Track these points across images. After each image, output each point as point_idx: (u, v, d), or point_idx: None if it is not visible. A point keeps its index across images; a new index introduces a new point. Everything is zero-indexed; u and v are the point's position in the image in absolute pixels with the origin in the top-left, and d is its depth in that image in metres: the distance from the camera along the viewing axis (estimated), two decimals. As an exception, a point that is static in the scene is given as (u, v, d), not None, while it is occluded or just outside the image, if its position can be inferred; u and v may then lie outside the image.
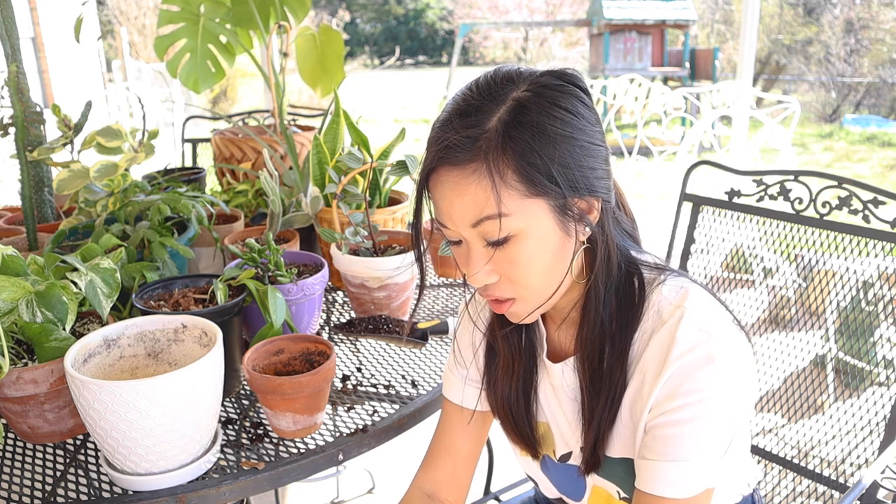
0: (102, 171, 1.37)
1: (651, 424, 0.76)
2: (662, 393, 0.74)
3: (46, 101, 7.00)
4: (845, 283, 1.33)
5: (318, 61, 2.03)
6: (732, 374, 0.73)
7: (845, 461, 1.24)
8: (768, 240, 1.39)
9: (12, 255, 1.00)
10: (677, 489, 0.73)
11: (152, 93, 8.40)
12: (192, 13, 1.96)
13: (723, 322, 0.76)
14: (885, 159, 7.65)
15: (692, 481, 0.73)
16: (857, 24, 11.22)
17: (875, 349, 1.36)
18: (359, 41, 22.56)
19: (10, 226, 1.57)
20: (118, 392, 0.82)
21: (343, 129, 1.57)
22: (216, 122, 2.62)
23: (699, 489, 0.74)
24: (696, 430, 0.73)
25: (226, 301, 1.10)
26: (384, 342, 1.31)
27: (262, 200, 1.70)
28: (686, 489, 0.73)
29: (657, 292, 0.79)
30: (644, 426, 0.77)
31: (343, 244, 1.33)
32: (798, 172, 1.33)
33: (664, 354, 0.75)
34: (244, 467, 0.95)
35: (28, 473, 0.96)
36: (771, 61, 12.04)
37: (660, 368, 0.75)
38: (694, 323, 0.75)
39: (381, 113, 11.61)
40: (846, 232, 1.25)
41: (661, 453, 0.74)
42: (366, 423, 1.05)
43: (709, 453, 0.73)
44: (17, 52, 1.47)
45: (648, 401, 0.76)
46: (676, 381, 0.73)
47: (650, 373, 0.76)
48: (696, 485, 0.73)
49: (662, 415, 0.74)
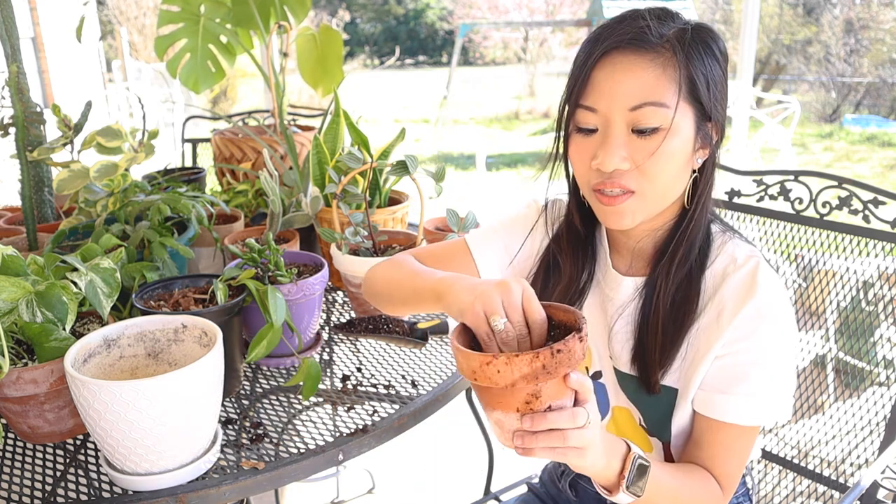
0: (102, 171, 1.37)
1: (724, 357, 0.84)
2: (741, 331, 0.82)
3: (46, 101, 7.00)
4: (845, 283, 1.33)
5: (318, 61, 2.03)
6: (794, 327, 0.85)
7: (845, 461, 1.24)
8: (768, 240, 1.38)
9: (12, 255, 1.00)
10: (740, 417, 0.84)
11: (152, 93, 8.40)
12: (193, 13, 1.96)
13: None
14: (885, 159, 7.65)
15: (756, 413, 0.83)
16: (856, 24, 11.22)
17: (875, 349, 1.36)
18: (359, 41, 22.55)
19: (10, 226, 1.56)
20: (118, 392, 0.82)
21: (343, 129, 1.57)
22: (216, 122, 2.62)
23: (757, 422, 0.84)
24: (769, 369, 0.83)
25: (226, 301, 1.10)
26: (384, 342, 1.31)
27: (262, 200, 1.70)
28: (748, 419, 0.84)
29: (727, 236, 0.89)
30: (712, 358, 0.85)
31: (343, 244, 1.33)
32: (798, 172, 1.33)
33: (744, 295, 0.83)
34: (244, 467, 0.95)
35: (28, 473, 0.96)
36: (771, 61, 12.04)
37: (740, 306, 0.82)
38: (769, 272, 0.84)
39: (381, 113, 11.61)
40: (846, 232, 1.25)
41: (731, 385, 0.84)
42: (366, 423, 1.05)
43: (774, 392, 0.84)
44: (17, 52, 1.47)
45: (723, 334, 0.83)
46: (756, 322, 0.82)
47: (728, 309, 0.83)
48: (757, 417, 0.84)
49: (739, 352, 0.83)
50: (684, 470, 0.87)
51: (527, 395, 0.68)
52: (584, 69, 0.82)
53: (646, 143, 0.80)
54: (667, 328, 0.86)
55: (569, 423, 0.69)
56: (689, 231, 0.86)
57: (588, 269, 0.95)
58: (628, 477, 0.77)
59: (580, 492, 1.10)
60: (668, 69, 0.79)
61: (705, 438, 0.87)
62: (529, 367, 0.66)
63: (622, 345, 0.92)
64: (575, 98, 0.83)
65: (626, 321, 0.92)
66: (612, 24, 0.83)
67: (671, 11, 0.83)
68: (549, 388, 0.68)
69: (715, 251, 0.88)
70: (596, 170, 0.83)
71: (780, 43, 12.05)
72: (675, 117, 0.79)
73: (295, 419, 1.08)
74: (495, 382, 0.67)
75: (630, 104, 0.79)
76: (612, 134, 0.81)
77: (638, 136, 0.80)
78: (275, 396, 1.14)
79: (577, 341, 0.68)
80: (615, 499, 0.79)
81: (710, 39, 0.82)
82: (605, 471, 0.77)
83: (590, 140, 0.84)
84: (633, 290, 0.91)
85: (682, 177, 0.84)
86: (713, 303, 0.85)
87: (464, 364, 0.70)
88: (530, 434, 0.69)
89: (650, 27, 0.80)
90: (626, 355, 0.91)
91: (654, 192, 0.83)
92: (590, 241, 0.96)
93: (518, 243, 1.01)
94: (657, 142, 0.80)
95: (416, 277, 0.90)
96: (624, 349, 0.92)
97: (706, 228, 0.89)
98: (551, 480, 1.18)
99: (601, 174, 0.83)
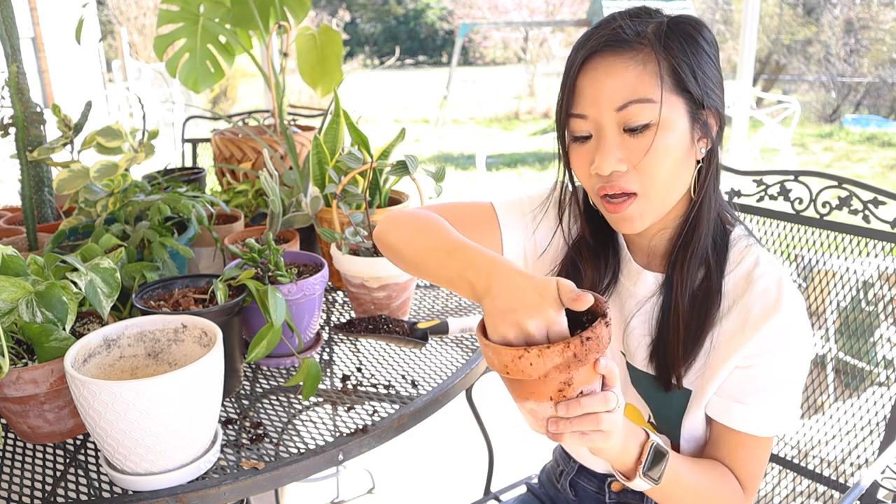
0: (102, 171, 1.37)
1: (745, 369, 0.85)
2: (764, 345, 0.83)
3: (46, 101, 6.99)
4: (845, 283, 1.33)
5: (318, 61, 2.03)
6: (812, 343, 0.86)
7: (845, 461, 1.24)
8: (768, 240, 1.38)
9: (12, 255, 1.00)
10: (756, 427, 0.85)
11: (152, 93, 8.40)
12: (192, 13, 1.96)
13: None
14: (885, 159, 7.64)
15: (771, 424, 0.85)
16: (856, 24, 11.22)
17: (875, 349, 1.36)
18: (359, 41, 22.55)
19: (10, 226, 1.56)
20: (118, 392, 0.82)
21: (343, 129, 1.57)
22: (216, 123, 2.62)
23: (772, 433, 0.86)
24: (788, 384, 0.84)
25: (226, 301, 1.10)
26: (384, 342, 1.31)
27: (262, 200, 1.70)
28: (764, 429, 0.85)
29: (751, 240, 0.89)
30: (731, 366, 0.85)
31: (343, 244, 1.33)
32: (798, 172, 1.33)
33: (770, 308, 0.83)
34: (244, 467, 0.95)
35: (28, 473, 0.96)
36: (771, 61, 12.04)
37: (764, 319, 0.83)
38: (793, 288, 0.85)
39: (381, 113, 11.61)
40: (846, 232, 1.25)
41: (749, 395, 0.85)
42: (366, 423, 1.05)
43: (789, 404, 0.85)
44: (17, 52, 1.47)
45: (745, 344, 0.83)
46: (781, 338, 0.83)
47: (753, 320, 0.84)
48: (771, 428, 0.85)
49: (760, 365, 0.84)
50: (704, 465, 0.88)
51: (559, 384, 0.70)
52: (569, 79, 0.83)
53: (639, 142, 0.80)
54: (689, 325, 0.86)
55: (602, 407, 0.70)
56: (697, 222, 0.86)
57: (610, 273, 0.95)
58: (645, 463, 0.79)
59: (579, 492, 1.10)
60: (649, 64, 0.79)
61: (723, 441, 0.89)
62: (561, 356, 0.67)
63: (639, 341, 0.93)
64: (566, 108, 0.84)
65: (643, 318, 0.92)
66: (591, 31, 0.84)
67: (648, 9, 0.84)
68: (580, 375, 0.70)
69: (739, 253, 0.88)
70: (596, 175, 0.84)
71: (780, 43, 12.05)
72: (663, 111, 0.79)
73: (295, 419, 1.08)
74: (528, 375, 0.68)
75: (616, 105, 0.80)
76: (604, 137, 0.82)
77: (631, 136, 0.81)
78: (275, 396, 1.14)
79: (604, 326, 0.70)
80: (632, 485, 0.81)
81: (693, 30, 0.82)
82: (623, 456, 0.78)
83: (586, 147, 0.84)
84: (655, 285, 0.91)
85: (684, 170, 0.84)
86: (738, 307, 0.86)
87: (494, 359, 0.70)
88: (565, 420, 0.70)
89: (624, 27, 0.81)
90: (644, 352, 0.92)
91: (656, 191, 0.82)
92: (610, 244, 0.96)
93: (536, 226, 1.00)
94: (650, 138, 0.80)
95: (450, 256, 0.80)
96: (640, 346, 0.92)
97: (720, 222, 0.89)
98: (550, 481, 1.18)
99: (601, 178, 0.83)
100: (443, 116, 10.16)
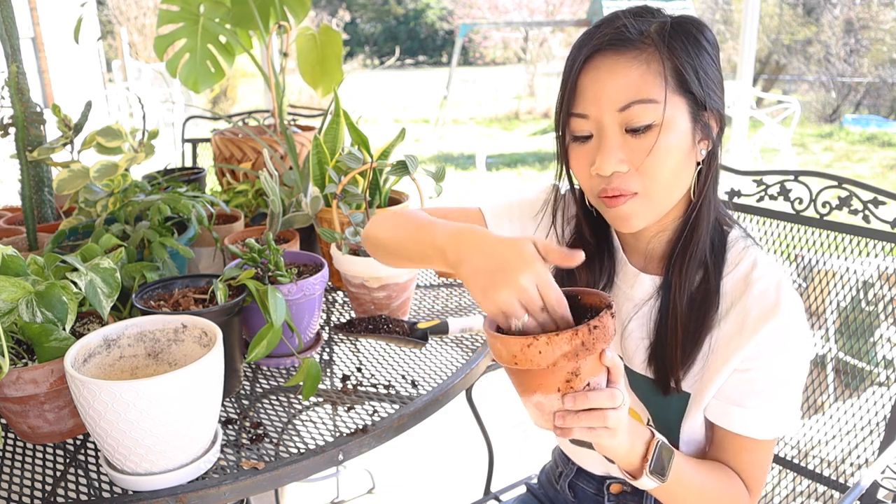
0: (102, 171, 1.37)
1: (744, 372, 0.84)
2: (763, 348, 0.82)
3: (46, 101, 7.00)
4: (845, 283, 1.33)
5: (318, 61, 2.03)
6: (811, 346, 0.86)
7: (845, 461, 1.24)
8: (768, 240, 1.38)
9: (12, 255, 1.00)
10: (756, 431, 0.85)
11: (152, 93, 8.40)
12: (192, 13, 1.96)
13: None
14: (885, 159, 7.65)
15: (771, 427, 0.85)
16: (856, 24, 11.22)
17: (875, 349, 1.36)
18: (359, 41, 22.55)
19: (10, 226, 1.56)
20: (118, 392, 0.82)
21: (343, 129, 1.57)
22: (216, 123, 2.62)
23: (772, 436, 0.86)
24: (787, 387, 0.84)
25: (226, 301, 1.10)
26: (384, 342, 1.31)
27: (262, 200, 1.70)
28: (764, 432, 0.85)
29: (749, 242, 0.88)
30: (730, 369, 0.85)
31: (343, 244, 1.33)
32: (798, 172, 1.33)
33: (769, 311, 0.82)
34: (244, 467, 0.95)
35: (28, 473, 0.96)
36: (771, 61, 12.04)
37: (762, 322, 0.82)
38: (792, 291, 0.84)
39: (381, 113, 11.61)
40: (846, 232, 1.25)
41: (748, 399, 0.84)
42: (366, 423, 1.05)
43: (789, 407, 0.85)
44: (17, 52, 1.47)
45: (744, 347, 0.83)
46: (779, 342, 0.82)
47: (751, 322, 0.83)
48: (771, 431, 0.85)
49: (759, 368, 0.84)
50: (710, 465, 0.88)
51: (567, 374, 0.70)
52: (570, 77, 0.82)
53: (641, 142, 0.80)
54: (687, 327, 0.86)
55: (608, 403, 0.70)
56: (697, 223, 0.85)
57: (606, 276, 0.95)
58: (651, 461, 0.79)
59: (578, 493, 1.10)
60: (653, 64, 0.79)
61: (725, 444, 0.88)
62: (570, 344, 0.68)
63: (636, 344, 0.92)
64: (566, 107, 0.83)
65: (641, 321, 0.92)
66: (592, 29, 0.83)
67: (650, 8, 0.83)
68: (588, 365, 0.70)
69: (737, 255, 0.87)
70: (597, 175, 0.83)
71: (780, 43, 12.05)
72: (666, 111, 0.79)
73: (295, 419, 1.08)
74: (537, 364, 0.68)
75: (618, 105, 0.79)
76: (606, 137, 0.81)
77: (632, 136, 0.80)
78: (275, 396, 1.14)
79: (610, 317, 0.70)
80: (639, 484, 0.80)
81: (695, 30, 0.81)
82: (629, 454, 0.78)
83: (587, 147, 0.83)
84: (652, 287, 0.91)
85: (685, 171, 0.83)
86: (736, 310, 0.85)
87: (502, 350, 0.70)
88: (572, 414, 0.70)
89: (628, 26, 0.80)
90: (642, 355, 0.91)
91: (657, 191, 0.82)
92: (605, 247, 0.95)
93: (531, 228, 1.00)
94: (652, 139, 0.79)
95: (420, 231, 0.84)
96: (639, 349, 0.92)
97: (717, 223, 0.88)
98: (549, 482, 1.18)
99: (602, 179, 0.83)
100: (443, 116, 10.16)
